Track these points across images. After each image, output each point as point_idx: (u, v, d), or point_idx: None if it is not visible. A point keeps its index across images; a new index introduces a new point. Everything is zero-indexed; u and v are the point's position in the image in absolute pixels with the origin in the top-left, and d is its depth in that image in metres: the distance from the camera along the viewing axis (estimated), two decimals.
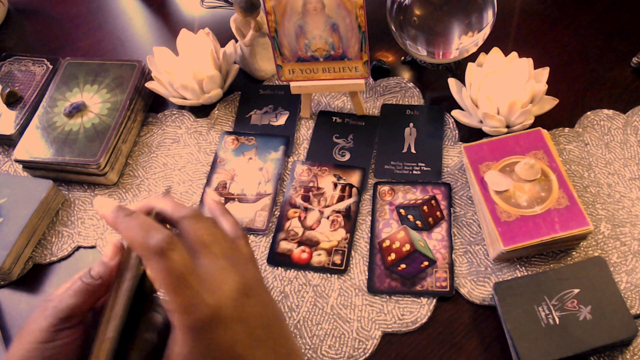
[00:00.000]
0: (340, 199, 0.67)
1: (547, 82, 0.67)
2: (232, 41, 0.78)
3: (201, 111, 0.77)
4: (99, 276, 0.39)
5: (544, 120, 0.69)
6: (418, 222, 0.64)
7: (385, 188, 0.67)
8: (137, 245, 0.36)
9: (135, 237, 0.36)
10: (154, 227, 0.36)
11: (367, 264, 0.62)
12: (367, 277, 0.61)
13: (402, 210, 0.65)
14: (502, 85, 0.68)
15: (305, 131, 0.74)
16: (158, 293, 0.38)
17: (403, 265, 0.61)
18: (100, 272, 0.39)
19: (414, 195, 0.66)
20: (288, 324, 0.56)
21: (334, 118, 0.74)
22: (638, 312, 0.57)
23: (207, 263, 0.37)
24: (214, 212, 0.46)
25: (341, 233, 0.64)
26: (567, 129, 0.70)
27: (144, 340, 0.38)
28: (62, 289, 0.40)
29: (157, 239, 0.35)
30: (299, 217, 0.66)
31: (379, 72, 0.78)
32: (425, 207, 0.65)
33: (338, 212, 0.66)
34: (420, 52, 0.71)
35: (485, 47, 0.71)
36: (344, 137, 0.72)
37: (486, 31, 0.70)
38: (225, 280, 0.37)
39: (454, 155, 0.70)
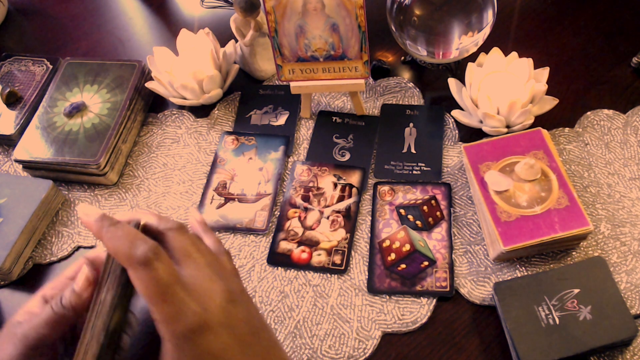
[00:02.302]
0: (340, 199, 0.67)
1: (547, 82, 0.67)
2: (232, 41, 0.78)
3: (201, 111, 0.77)
4: (70, 306, 0.38)
5: (544, 120, 0.69)
6: (418, 222, 0.64)
7: (385, 188, 0.67)
8: (121, 255, 0.36)
9: (120, 247, 0.35)
10: (139, 237, 0.36)
11: (367, 264, 0.62)
12: (367, 277, 0.61)
13: (402, 210, 0.65)
14: (502, 85, 0.68)
15: (305, 131, 0.74)
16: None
17: (403, 265, 0.61)
18: (72, 302, 0.39)
19: (414, 195, 0.66)
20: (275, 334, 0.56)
21: (334, 118, 0.74)
22: (638, 312, 0.57)
23: (192, 272, 0.37)
24: (196, 230, 0.46)
25: (341, 233, 0.64)
26: (567, 129, 0.70)
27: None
28: (27, 309, 0.39)
29: (142, 249, 0.35)
30: (299, 217, 0.66)
31: (379, 72, 0.78)
32: (425, 207, 0.65)
33: (338, 212, 0.66)
34: (420, 52, 0.71)
35: (485, 47, 0.71)
36: (344, 137, 0.72)
37: (486, 31, 0.70)
38: (212, 288, 0.37)
39: (454, 155, 0.70)
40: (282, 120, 0.75)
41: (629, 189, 0.65)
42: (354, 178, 0.68)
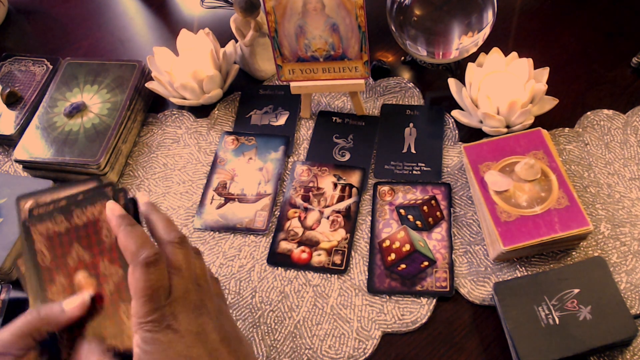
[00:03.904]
0: (340, 199, 0.67)
1: (547, 82, 0.67)
2: (232, 41, 0.78)
3: (201, 111, 0.77)
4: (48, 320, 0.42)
5: (544, 120, 0.69)
6: (418, 222, 0.64)
7: (385, 188, 0.67)
8: (128, 252, 0.41)
9: (130, 245, 0.41)
10: (148, 242, 0.42)
11: (367, 264, 0.62)
12: (367, 277, 0.61)
13: (402, 210, 0.65)
14: (502, 85, 0.68)
15: (305, 131, 0.74)
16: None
17: (403, 265, 0.61)
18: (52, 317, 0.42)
19: (414, 195, 0.66)
20: (254, 349, 0.59)
21: (334, 118, 0.74)
22: (638, 312, 0.57)
23: (175, 283, 0.42)
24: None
25: (341, 233, 0.64)
26: (567, 129, 0.70)
27: None
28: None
29: (146, 253, 0.41)
30: (299, 217, 0.66)
31: (379, 72, 0.78)
32: (425, 207, 0.65)
33: (338, 212, 0.66)
34: (420, 52, 0.71)
35: (485, 47, 0.71)
36: (344, 137, 0.72)
37: (486, 31, 0.70)
38: (188, 298, 0.42)
39: (454, 155, 0.70)
40: (282, 120, 0.75)
41: (628, 189, 0.65)
42: (354, 178, 0.68)
